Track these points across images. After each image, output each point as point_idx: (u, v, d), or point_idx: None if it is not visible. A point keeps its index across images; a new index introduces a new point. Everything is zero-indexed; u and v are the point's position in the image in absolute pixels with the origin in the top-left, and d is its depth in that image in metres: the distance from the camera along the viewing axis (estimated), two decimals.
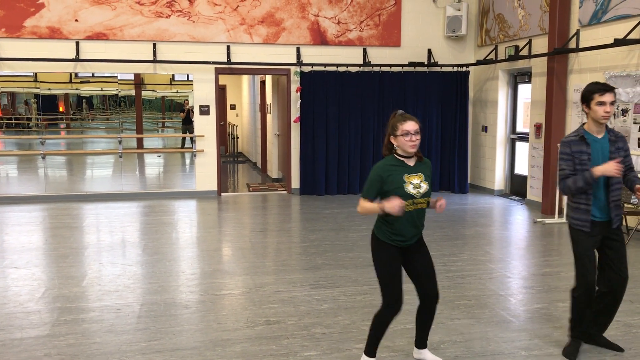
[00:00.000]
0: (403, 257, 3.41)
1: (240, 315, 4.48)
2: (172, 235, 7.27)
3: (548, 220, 8.00)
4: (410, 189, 3.27)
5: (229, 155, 17.28)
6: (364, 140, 10.39)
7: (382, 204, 3.20)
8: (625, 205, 6.75)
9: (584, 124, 3.74)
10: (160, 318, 4.41)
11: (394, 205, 3.13)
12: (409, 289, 3.54)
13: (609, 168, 3.46)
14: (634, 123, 7.08)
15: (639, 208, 6.61)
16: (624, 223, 7.01)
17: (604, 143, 3.66)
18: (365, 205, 3.31)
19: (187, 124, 10.70)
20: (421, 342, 3.66)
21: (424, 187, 3.31)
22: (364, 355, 3.51)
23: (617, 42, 7.06)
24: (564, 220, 7.90)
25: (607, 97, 3.58)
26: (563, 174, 3.67)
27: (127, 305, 4.67)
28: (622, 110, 7.26)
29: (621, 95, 7.20)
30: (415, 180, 3.30)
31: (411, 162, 3.36)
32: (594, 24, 7.78)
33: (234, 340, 3.99)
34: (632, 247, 6.56)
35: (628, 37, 7.00)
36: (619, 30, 7.26)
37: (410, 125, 3.26)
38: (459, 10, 10.40)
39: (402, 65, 10.36)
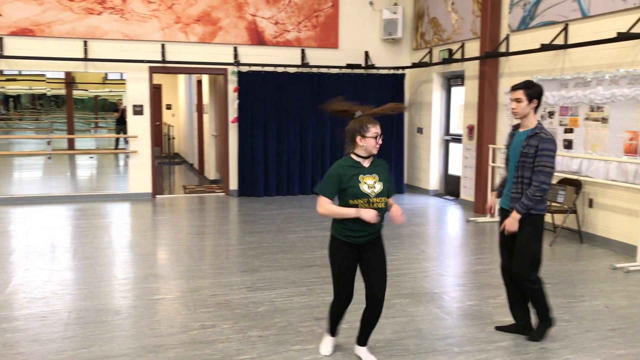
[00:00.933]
0: (359, 255, 3.49)
1: (174, 320, 4.37)
2: (104, 239, 7.04)
3: (480, 219, 8.24)
4: (365, 188, 3.38)
5: (165, 156, 16.90)
6: (303, 141, 10.39)
7: (359, 212, 3.33)
8: (552, 203, 7.04)
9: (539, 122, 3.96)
10: (89, 325, 4.25)
11: (371, 216, 3.32)
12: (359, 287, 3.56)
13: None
14: (560, 125, 7.39)
15: (565, 206, 6.90)
16: (550, 220, 7.31)
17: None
18: (333, 208, 3.41)
19: (122, 124, 10.40)
20: (361, 340, 3.73)
21: (378, 187, 3.42)
22: (326, 333, 3.86)
23: (544, 47, 7.36)
24: (495, 219, 8.16)
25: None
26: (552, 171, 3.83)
27: (54, 313, 4.48)
28: (548, 112, 7.56)
29: (547, 99, 7.50)
30: (370, 180, 3.41)
31: (367, 164, 3.47)
32: (522, 29, 8.08)
33: (167, 346, 3.90)
34: (558, 245, 6.84)
35: (553, 43, 7.31)
36: (545, 35, 7.56)
37: (379, 128, 3.41)
38: (395, 13, 10.57)
39: (340, 67, 10.43)
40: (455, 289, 5.24)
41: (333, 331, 3.80)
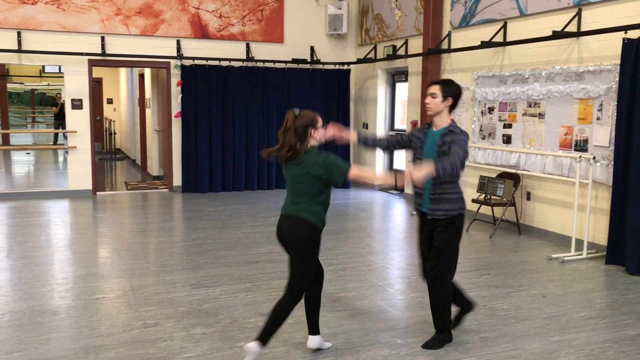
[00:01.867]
0: None
1: (115, 320, 4.26)
2: (41, 238, 6.78)
3: None
4: None
5: (106, 152, 16.46)
6: (248, 135, 10.31)
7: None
8: (492, 196, 7.24)
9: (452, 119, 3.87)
10: (25, 327, 4.09)
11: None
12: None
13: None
14: (499, 120, 7.60)
15: (504, 199, 7.11)
16: (490, 213, 7.51)
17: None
18: (371, 171, 3.58)
19: (61, 119, 10.05)
20: (317, 327, 3.74)
21: None
22: (258, 342, 3.38)
23: (484, 45, 7.54)
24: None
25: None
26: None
27: None
28: (488, 108, 7.76)
29: (487, 95, 7.70)
30: None
31: None
32: (463, 27, 8.26)
33: (108, 346, 3.79)
34: (497, 237, 7.05)
35: (493, 40, 7.50)
36: (485, 33, 7.75)
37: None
38: (340, 9, 10.61)
39: (286, 62, 10.39)
40: (399, 282, 5.33)
41: (269, 339, 3.43)
